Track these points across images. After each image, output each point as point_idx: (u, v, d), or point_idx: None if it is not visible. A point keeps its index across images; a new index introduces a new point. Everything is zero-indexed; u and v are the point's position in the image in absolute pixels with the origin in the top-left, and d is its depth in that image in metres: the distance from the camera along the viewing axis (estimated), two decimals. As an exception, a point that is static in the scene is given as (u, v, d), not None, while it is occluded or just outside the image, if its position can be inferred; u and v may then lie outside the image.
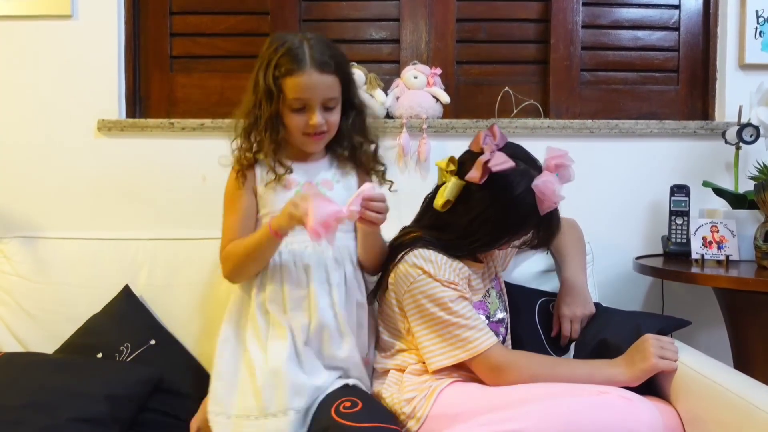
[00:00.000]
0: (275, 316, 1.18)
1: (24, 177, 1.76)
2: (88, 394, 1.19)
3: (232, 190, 1.23)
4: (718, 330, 1.64)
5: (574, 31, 1.79)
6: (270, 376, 1.12)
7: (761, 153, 1.60)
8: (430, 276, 1.16)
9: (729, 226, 1.52)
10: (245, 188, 1.22)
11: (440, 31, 1.81)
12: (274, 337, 1.17)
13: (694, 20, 1.82)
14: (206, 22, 1.83)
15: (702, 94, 1.83)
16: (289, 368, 1.13)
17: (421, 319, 1.17)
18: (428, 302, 1.16)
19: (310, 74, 1.14)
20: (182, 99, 1.84)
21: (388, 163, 1.59)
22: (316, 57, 1.14)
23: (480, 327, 1.16)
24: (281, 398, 1.10)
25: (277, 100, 1.15)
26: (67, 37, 1.75)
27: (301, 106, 1.16)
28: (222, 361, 1.18)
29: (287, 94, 1.14)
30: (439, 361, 1.16)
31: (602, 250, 1.61)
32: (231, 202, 1.23)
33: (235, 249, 1.18)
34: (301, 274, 1.20)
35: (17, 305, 1.48)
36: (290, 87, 1.14)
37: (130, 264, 1.49)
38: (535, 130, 1.73)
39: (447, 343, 1.15)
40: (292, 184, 1.22)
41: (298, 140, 1.20)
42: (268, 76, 1.14)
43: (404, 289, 1.18)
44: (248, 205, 1.22)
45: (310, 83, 1.14)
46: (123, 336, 1.37)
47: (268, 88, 1.15)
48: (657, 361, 1.10)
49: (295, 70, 1.13)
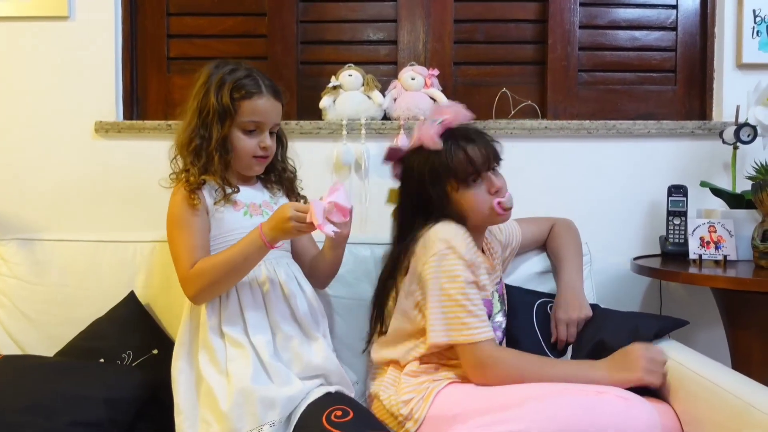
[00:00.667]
0: (234, 337, 1.18)
1: (21, 178, 1.76)
2: (87, 398, 1.18)
3: (183, 210, 1.19)
4: (715, 330, 1.64)
5: (571, 31, 1.79)
6: (238, 396, 1.11)
7: (758, 153, 1.61)
8: (455, 251, 1.15)
9: (726, 226, 1.53)
10: (198, 209, 1.20)
11: (438, 32, 1.81)
12: (235, 358, 1.16)
13: (691, 20, 1.83)
14: (203, 24, 1.83)
15: (699, 94, 1.83)
16: (257, 384, 1.13)
17: (433, 291, 1.16)
18: (445, 277, 1.15)
19: (267, 98, 1.21)
20: (179, 100, 1.79)
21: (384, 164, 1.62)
22: (270, 84, 1.23)
23: (483, 318, 1.16)
24: (253, 415, 1.09)
25: (230, 121, 1.18)
26: (64, 38, 1.75)
27: (254, 128, 1.21)
28: (180, 396, 1.16)
29: (242, 116, 1.19)
30: (437, 336, 1.15)
31: (600, 250, 1.61)
32: (184, 222, 1.19)
33: (212, 265, 1.16)
34: (257, 294, 1.21)
35: (15, 307, 1.48)
36: (247, 109, 1.19)
37: (128, 266, 1.48)
38: (532, 131, 1.73)
39: (449, 321, 1.15)
40: (239, 205, 1.24)
41: (244, 162, 1.23)
42: (223, 97, 1.17)
43: (424, 259, 1.17)
44: (203, 226, 1.20)
45: (267, 107, 1.21)
46: (126, 343, 1.37)
47: (222, 109, 1.18)
48: (643, 375, 1.10)
49: (255, 93, 1.19)
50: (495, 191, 1.21)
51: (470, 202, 1.21)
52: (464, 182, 1.20)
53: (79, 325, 1.41)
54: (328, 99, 1.72)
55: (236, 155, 1.22)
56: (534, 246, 1.50)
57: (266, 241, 1.12)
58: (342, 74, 1.72)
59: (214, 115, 1.18)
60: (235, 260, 1.15)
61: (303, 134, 1.72)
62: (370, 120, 1.71)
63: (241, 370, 1.14)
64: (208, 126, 1.19)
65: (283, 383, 1.15)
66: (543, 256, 1.50)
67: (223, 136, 1.19)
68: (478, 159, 1.19)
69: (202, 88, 1.21)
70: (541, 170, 1.72)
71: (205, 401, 1.14)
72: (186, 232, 1.19)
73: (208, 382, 1.14)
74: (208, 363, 1.17)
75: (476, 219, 1.23)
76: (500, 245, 1.40)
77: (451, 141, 1.20)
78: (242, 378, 1.13)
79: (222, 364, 1.16)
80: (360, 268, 1.47)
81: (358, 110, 1.70)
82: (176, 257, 1.20)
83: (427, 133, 1.20)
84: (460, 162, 1.19)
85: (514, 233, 1.43)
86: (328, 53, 1.83)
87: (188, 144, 1.20)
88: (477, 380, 1.15)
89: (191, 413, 1.15)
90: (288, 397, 1.12)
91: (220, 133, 1.18)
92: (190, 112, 1.21)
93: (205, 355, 1.17)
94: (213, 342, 1.17)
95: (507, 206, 1.21)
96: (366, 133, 1.70)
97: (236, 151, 1.21)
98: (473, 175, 1.20)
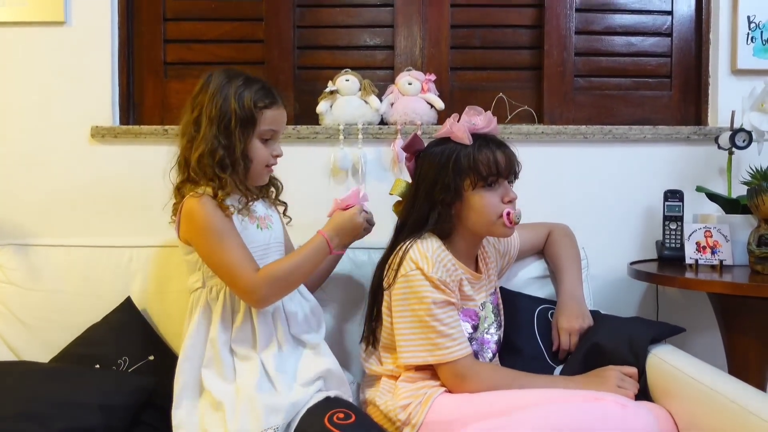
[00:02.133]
0: (243, 353, 1.19)
1: (17, 183, 1.75)
2: (81, 404, 1.18)
3: (219, 220, 1.16)
4: (712, 334, 1.64)
5: (567, 37, 1.80)
6: (245, 403, 1.11)
7: (754, 158, 1.61)
8: (422, 273, 1.17)
9: (722, 231, 1.53)
10: (231, 218, 1.18)
11: (434, 38, 1.81)
12: (242, 372, 1.17)
13: (686, 26, 1.84)
14: (200, 29, 1.83)
15: (695, 99, 1.84)
16: (261, 390, 1.13)
17: (403, 312, 1.19)
18: (413, 298, 1.17)
19: (282, 109, 1.24)
20: (176, 105, 1.83)
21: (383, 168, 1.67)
22: (279, 95, 1.25)
23: (455, 336, 1.17)
24: (257, 420, 1.10)
25: (252, 130, 1.19)
26: (61, 43, 1.75)
27: (270, 137, 1.23)
28: (181, 411, 1.15)
29: (262, 125, 1.20)
30: (408, 357, 1.18)
31: (596, 255, 1.62)
32: (226, 231, 1.16)
33: (288, 271, 1.17)
34: (267, 311, 1.22)
35: (10, 313, 1.47)
36: (268, 118, 1.21)
37: (124, 271, 1.48)
38: (529, 135, 1.73)
39: (419, 343, 1.17)
40: (253, 219, 1.24)
41: (257, 171, 1.24)
42: (246, 106, 1.18)
43: (394, 281, 1.20)
44: (239, 235, 1.19)
45: (283, 117, 1.25)
46: (121, 349, 1.36)
47: (246, 118, 1.18)
48: (616, 390, 1.12)
49: (273, 103, 1.22)
50: (508, 200, 1.22)
51: (481, 204, 1.21)
52: (483, 181, 1.20)
53: (74, 331, 1.41)
54: (325, 104, 1.72)
55: (253, 164, 1.22)
56: (532, 252, 1.50)
57: (332, 247, 1.18)
58: (339, 79, 1.72)
59: (237, 124, 1.17)
60: (306, 266, 1.19)
61: (300, 139, 1.72)
62: (367, 125, 1.71)
63: (248, 379, 1.15)
64: (230, 135, 1.17)
65: (286, 391, 1.15)
66: (541, 261, 1.50)
67: (245, 144, 1.19)
68: (502, 164, 1.21)
69: (217, 97, 1.18)
70: (538, 175, 1.72)
71: (209, 413, 1.14)
72: (232, 240, 1.16)
73: (214, 394, 1.14)
74: (215, 377, 1.17)
75: (479, 225, 1.23)
76: (498, 254, 1.40)
77: (482, 141, 1.22)
78: (249, 386, 1.14)
79: (230, 377, 1.17)
80: (357, 273, 1.47)
81: (355, 115, 1.70)
82: (232, 267, 1.15)
83: (460, 127, 1.21)
84: (486, 160, 1.20)
85: (513, 241, 1.43)
86: (324, 58, 1.84)
87: (211, 154, 1.16)
88: (455, 392, 1.18)
89: (193, 428, 1.14)
90: (291, 403, 1.13)
91: (243, 141, 1.18)
92: (205, 121, 1.18)
93: (212, 370, 1.18)
94: (222, 356, 1.18)
95: (515, 219, 1.22)
96: (363, 137, 1.71)
97: (254, 159, 1.21)
98: (494, 177, 1.21)
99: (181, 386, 1.17)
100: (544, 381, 1.18)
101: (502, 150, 1.22)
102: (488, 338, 1.29)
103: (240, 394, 1.13)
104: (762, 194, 1.43)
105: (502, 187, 1.23)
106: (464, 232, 1.25)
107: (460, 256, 1.25)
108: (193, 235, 1.18)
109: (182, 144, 1.23)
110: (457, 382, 1.17)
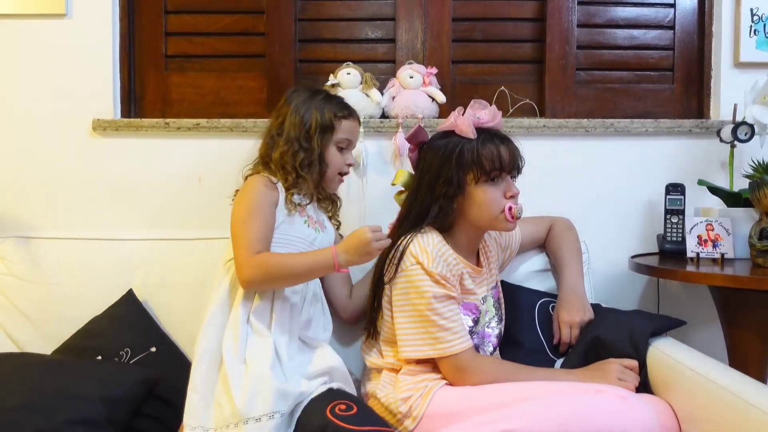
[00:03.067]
0: (258, 327, 1.20)
1: (19, 177, 1.75)
2: (84, 396, 1.18)
3: (260, 198, 1.24)
4: (713, 328, 1.64)
5: (569, 30, 1.80)
6: (254, 382, 1.12)
7: (756, 151, 1.61)
8: (422, 267, 1.17)
9: (724, 225, 1.53)
10: (276, 203, 1.26)
11: (436, 31, 1.81)
12: (255, 345, 1.18)
13: (689, 19, 1.83)
14: (201, 22, 1.82)
15: (697, 92, 1.83)
16: (274, 374, 1.14)
17: (404, 306, 1.19)
18: (414, 293, 1.18)
19: (357, 121, 1.39)
20: (177, 99, 1.83)
21: (385, 162, 1.69)
22: (355, 110, 1.39)
23: (455, 330, 1.17)
24: (266, 401, 1.10)
25: (330, 136, 1.32)
26: (62, 36, 1.74)
27: (346, 146, 1.35)
28: (199, 373, 1.17)
29: (339, 133, 1.33)
30: (409, 351, 1.18)
31: (598, 248, 1.62)
32: (259, 210, 1.23)
33: (278, 263, 1.19)
34: (286, 300, 1.24)
35: (12, 306, 1.48)
36: (345, 128, 1.34)
37: (126, 264, 1.48)
38: (531, 129, 1.73)
39: (420, 337, 1.18)
40: (303, 213, 1.30)
41: (331, 177, 1.35)
42: (327, 115, 1.31)
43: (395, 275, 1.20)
44: (272, 220, 1.24)
45: (357, 129, 1.39)
46: (124, 341, 1.37)
47: (325, 124, 1.31)
48: (617, 383, 1.12)
49: (349, 116, 1.36)
50: (510, 195, 1.22)
51: (484, 198, 1.21)
52: (486, 175, 1.21)
53: (76, 324, 1.42)
54: (326, 97, 1.71)
55: (329, 169, 1.33)
56: (533, 246, 1.50)
57: (338, 263, 1.16)
58: (340, 72, 1.72)
59: (316, 130, 1.30)
60: (301, 270, 1.19)
61: (301, 132, 1.72)
62: (368, 118, 1.70)
63: (260, 357, 1.16)
64: (310, 139, 1.29)
65: (294, 381, 1.16)
66: (542, 255, 1.51)
67: (322, 149, 1.31)
68: (506, 158, 1.21)
69: (301, 107, 1.32)
70: (539, 168, 1.72)
71: (222, 384, 1.15)
72: (258, 219, 1.22)
73: (227, 366, 1.15)
74: (231, 347, 1.18)
75: (481, 219, 1.23)
76: (499, 248, 1.41)
77: (486, 135, 1.22)
78: (261, 364, 1.14)
79: (242, 350, 1.18)
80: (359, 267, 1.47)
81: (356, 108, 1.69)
82: (240, 239, 1.20)
83: (465, 121, 1.22)
84: (490, 155, 1.20)
85: (515, 235, 1.44)
86: (326, 51, 1.83)
87: (293, 155, 1.28)
88: (457, 385, 1.18)
89: (207, 393, 1.15)
90: (300, 392, 1.14)
91: (320, 146, 1.30)
92: (288, 126, 1.30)
93: (230, 339, 1.18)
94: (240, 327, 1.19)
95: (517, 214, 1.22)
96: (364, 131, 1.70)
97: (330, 164, 1.32)
98: (497, 171, 1.21)
99: (202, 350, 1.18)
100: (544, 374, 1.18)
101: (506, 145, 1.22)
102: (489, 332, 1.29)
103: (252, 371, 1.14)
104: (764, 188, 1.43)
105: (505, 182, 1.23)
106: (465, 226, 1.25)
107: (461, 250, 1.25)
108: (235, 204, 1.26)
109: (263, 144, 1.34)
110: (459, 375, 1.18)
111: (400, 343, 1.20)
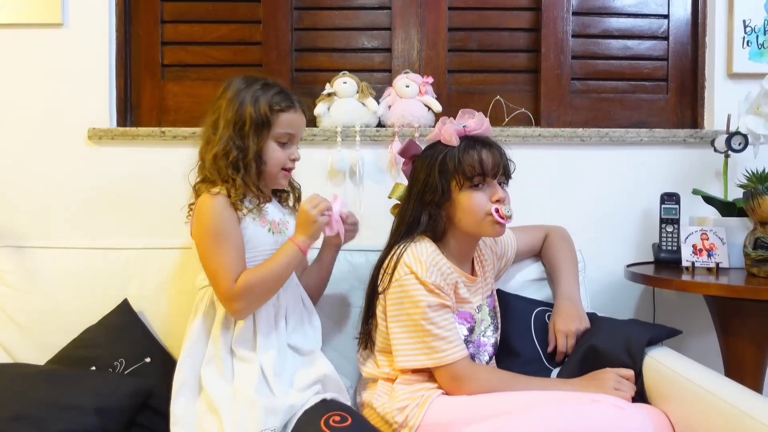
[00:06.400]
0: (242, 355, 1.19)
1: (14, 185, 1.75)
2: (77, 407, 1.17)
3: (224, 222, 1.17)
4: (708, 337, 1.64)
5: (564, 40, 1.81)
6: (244, 404, 1.11)
7: (750, 161, 1.62)
8: (416, 277, 1.17)
9: (719, 234, 1.53)
10: (235, 223, 1.19)
11: (432, 40, 1.82)
12: (241, 373, 1.17)
13: (682, 30, 1.84)
14: (198, 31, 1.83)
15: (691, 102, 1.84)
16: (260, 393, 1.13)
17: (399, 316, 1.19)
18: (408, 302, 1.17)
19: (298, 112, 1.26)
20: (173, 107, 1.83)
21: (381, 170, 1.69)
22: (298, 99, 1.27)
23: (451, 339, 1.17)
24: (255, 420, 1.09)
25: (267, 132, 1.21)
26: (58, 45, 1.74)
27: (287, 140, 1.25)
28: (178, 407, 1.15)
29: (278, 128, 1.22)
30: (404, 361, 1.18)
31: (593, 258, 1.62)
32: (225, 235, 1.17)
33: (261, 280, 1.16)
34: (270, 317, 1.23)
35: (6, 315, 1.47)
36: (283, 121, 1.22)
37: (121, 273, 1.48)
38: (526, 138, 1.74)
39: (415, 347, 1.17)
40: (264, 221, 1.24)
41: (273, 174, 1.25)
42: (261, 108, 1.20)
43: (390, 284, 1.20)
44: (241, 239, 1.19)
45: (300, 120, 1.27)
46: (118, 351, 1.36)
47: (260, 120, 1.20)
48: (613, 392, 1.12)
49: (290, 107, 1.23)
50: (496, 200, 1.21)
51: (469, 204, 1.21)
52: (469, 181, 1.21)
53: (70, 333, 1.40)
54: (322, 106, 1.72)
55: (268, 167, 1.23)
56: (529, 255, 1.50)
57: (302, 248, 1.18)
58: (336, 81, 1.73)
59: (251, 127, 1.20)
60: (281, 272, 1.18)
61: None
62: (364, 127, 1.71)
63: (246, 382, 1.15)
64: (244, 137, 1.20)
65: (283, 394, 1.15)
66: (538, 264, 1.51)
67: (259, 147, 1.21)
68: (488, 163, 1.21)
69: (234, 101, 1.21)
70: (535, 177, 1.73)
71: (206, 412, 1.13)
72: (227, 245, 1.17)
73: (211, 393, 1.14)
74: (215, 375, 1.17)
75: (470, 224, 1.23)
76: (495, 256, 1.41)
77: (468, 142, 1.23)
78: (247, 389, 1.13)
79: (228, 377, 1.17)
80: (354, 275, 1.47)
81: (352, 117, 1.70)
82: (216, 272, 1.16)
83: (448, 130, 1.22)
84: (470, 160, 1.20)
85: (510, 243, 1.44)
86: (322, 61, 1.84)
87: (225, 155, 1.19)
88: (453, 394, 1.18)
89: (191, 426, 1.14)
90: (289, 405, 1.13)
91: (256, 144, 1.20)
92: (222, 123, 1.21)
93: (212, 368, 1.17)
94: (222, 356, 1.18)
95: (505, 213, 1.20)
96: (361, 140, 1.71)
97: (269, 162, 1.23)
98: (479, 176, 1.21)
99: (180, 383, 1.17)
100: (541, 383, 1.18)
101: (488, 149, 1.22)
102: (485, 341, 1.29)
103: (238, 395, 1.13)
104: (758, 197, 1.43)
105: (490, 186, 1.22)
106: (457, 234, 1.25)
107: (455, 259, 1.26)
108: (195, 231, 1.20)
109: (201, 146, 1.25)
110: (454, 385, 1.17)
111: (395, 352, 1.19)
